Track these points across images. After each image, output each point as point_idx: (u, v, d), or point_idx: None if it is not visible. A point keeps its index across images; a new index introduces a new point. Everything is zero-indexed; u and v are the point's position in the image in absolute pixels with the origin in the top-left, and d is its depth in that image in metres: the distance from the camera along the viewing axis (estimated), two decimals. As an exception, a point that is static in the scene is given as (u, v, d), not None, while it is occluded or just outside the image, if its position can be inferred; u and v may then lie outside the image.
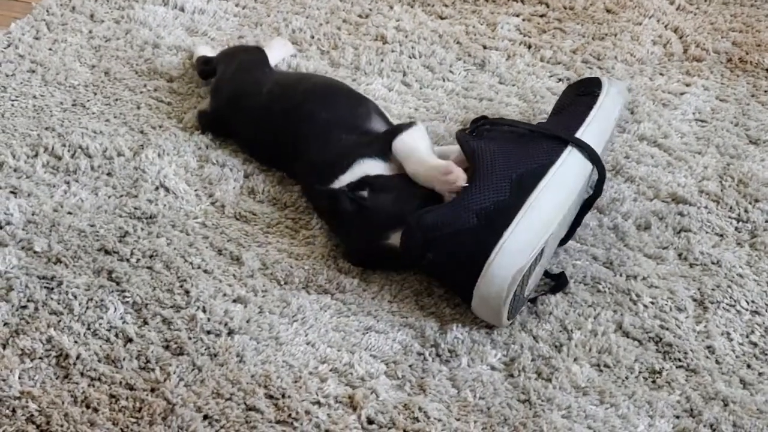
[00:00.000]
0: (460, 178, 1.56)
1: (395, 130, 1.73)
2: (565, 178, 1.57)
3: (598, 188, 1.65)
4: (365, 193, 1.61)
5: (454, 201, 1.54)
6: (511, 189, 1.53)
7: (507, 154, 1.59)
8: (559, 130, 1.66)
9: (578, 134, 1.65)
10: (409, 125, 1.73)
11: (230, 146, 1.91)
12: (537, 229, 1.49)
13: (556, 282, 1.60)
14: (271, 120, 1.84)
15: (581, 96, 1.77)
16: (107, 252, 1.64)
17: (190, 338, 1.48)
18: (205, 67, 2.08)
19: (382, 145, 1.71)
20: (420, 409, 1.38)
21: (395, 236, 1.56)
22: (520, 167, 1.56)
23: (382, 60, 2.19)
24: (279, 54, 2.18)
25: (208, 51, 2.16)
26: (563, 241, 1.67)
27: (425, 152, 1.67)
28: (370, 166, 1.68)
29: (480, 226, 1.50)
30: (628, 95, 1.81)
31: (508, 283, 1.45)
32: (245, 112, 1.89)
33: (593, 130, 1.68)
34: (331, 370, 1.44)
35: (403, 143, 1.69)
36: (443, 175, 1.58)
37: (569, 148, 1.61)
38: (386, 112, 1.89)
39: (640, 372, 1.45)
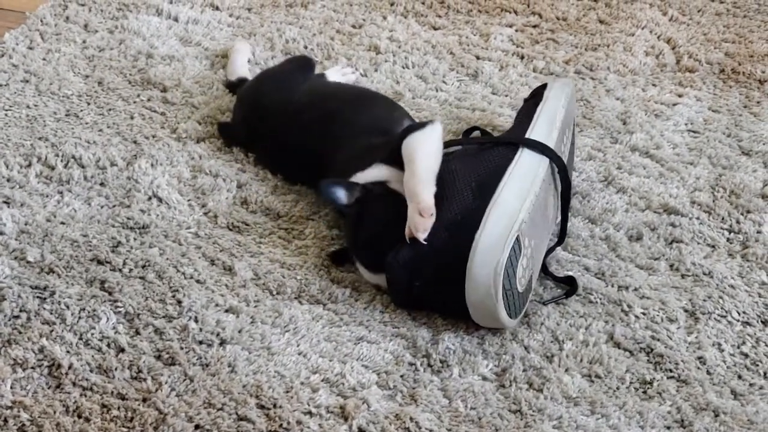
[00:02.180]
0: (422, 229, 1.51)
1: (407, 129, 1.69)
2: (522, 171, 1.59)
3: (563, 179, 1.66)
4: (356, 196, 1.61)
5: None
6: (473, 194, 1.55)
7: (464, 168, 1.61)
8: (508, 136, 1.72)
9: (527, 134, 1.68)
10: (424, 125, 1.68)
11: (223, 156, 1.92)
12: (505, 220, 1.50)
13: (570, 286, 1.61)
14: (304, 127, 1.83)
15: (529, 102, 1.81)
16: (100, 262, 1.64)
17: (182, 348, 1.48)
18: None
19: (395, 145, 1.67)
20: (411, 419, 1.38)
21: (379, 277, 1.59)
22: (478, 174, 1.59)
23: (375, 70, 2.20)
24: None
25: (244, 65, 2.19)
26: (559, 242, 1.67)
27: (425, 167, 1.60)
28: (384, 172, 1.66)
29: (450, 237, 1.51)
30: (572, 86, 1.82)
31: (492, 279, 1.46)
32: (274, 120, 1.89)
33: (541, 125, 1.71)
34: (322, 380, 1.44)
35: (408, 145, 1.64)
36: (418, 212, 1.52)
37: (521, 148, 1.63)
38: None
39: (631, 382, 1.46)
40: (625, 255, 1.69)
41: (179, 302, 1.56)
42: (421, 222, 1.51)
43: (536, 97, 1.81)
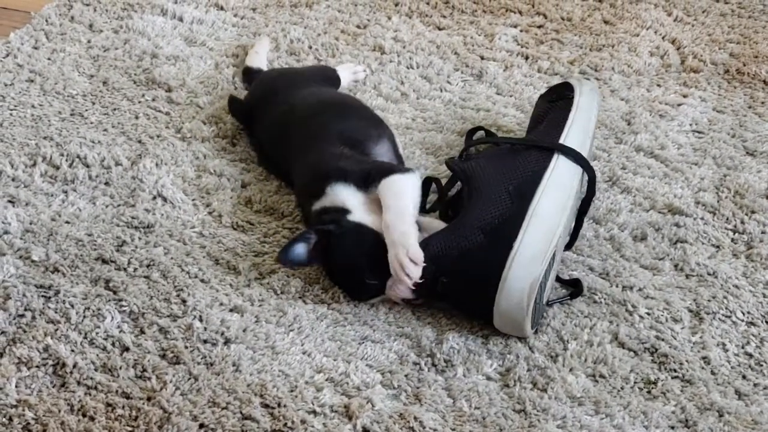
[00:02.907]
0: (415, 276, 1.51)
1: (391, 168, 1.67)
2: (559, 180, 1.58)
3: (590, 188, 1.66)
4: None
5: (456, 222, 1.54)
6: (512, 200, 1.54)
7: (498, 169, 1.60)
8: (541, 139, 1.68)
9: (561, 140, 1.67)
10: (407, 170, 1.67)
11: (228, 156, 1.92)
12: (545, 235, 1.50)
13: (575, 288, 1.61)
14: (287, 125, 1.84)
15: (555, 102, 1.79)
16: (104, 261, 1.64)
17: (186, 347, 1.48)
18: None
19: (369, 174, 1.65)
20: (415, 418, 1.38)
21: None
22: (514, 178, 1.58)
23: (380, 70, 2.20)
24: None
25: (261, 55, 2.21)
26: (568, 246, 1.67)
27: (408, 212, 1.58)
28: (345, 194, 1.64)
29: (488, 241, 1.50)
30: (599, 92, 1.82)
31: (527, 294, 1.46)
32: (269, 112, 1.90)
33: (575, 132, 1.69)
34: (327, 380, 1.44)
35: (392, 185, 1.62)
36: (403, 257, 1.51)
37: (556, 154, 1.62)
38: (399, 146, 1.87)
39: (635, 382, 1.46)
40: (630, 255, 1.69)
41: (184, 301, 1.56)
42: (413, 269, 1.51)
43: (562, 98, 1.79)
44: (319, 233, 1.58)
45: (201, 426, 1.36)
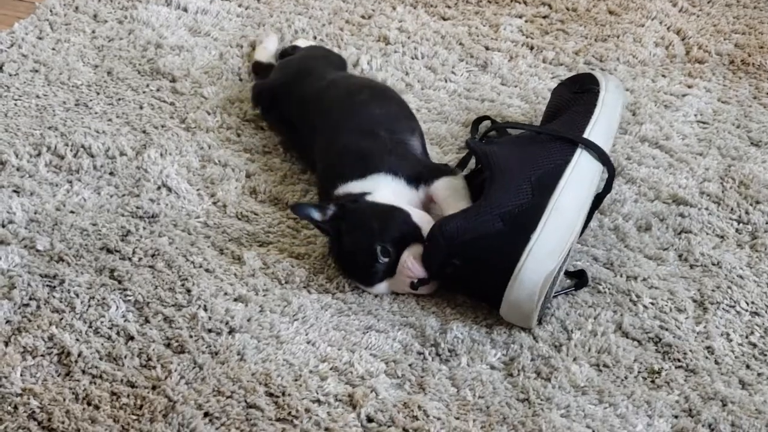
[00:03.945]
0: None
1: (444, 169, 1.70)
2: (581, 176, 1.58)
3: (607, 185, 1.65)
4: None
5: (475, 207, 1.53)
6: (533, 191, 1.53)
7: (521, 157, 1.59)
8: (566, 130, 1.66)
9: (585, 134, 1.66)
10: (456, 171, 1.71)
11: (232, 146, 1.92)
12: (564, 230, 1.50)
13: (579, 279, 1.60)
14: (323, 105, 1.84)
15: (579, 94, 1.78)
16: (109, 251, 1.64)
17: (191, 336, 1.48)
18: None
19: (421, 172, 1.68)
20: (419, 407, 1.38)
21: (355, 281, 1.60)
22: (537, 168, 1.57)
23: (385, 61, 2.20)
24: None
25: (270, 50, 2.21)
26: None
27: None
28: (387, 183, 1.66)
29: (506, 230, 1.49)
30: (624, 90, 1.81)
31: (539, 287, 1.46)
32: (303, 92, 1.90)
33: (600, 128, 1.68)
34: (331, 369, 1.44)
35: (449, 185, 1.67)
36: None
37: (579, 148, 1.61)
38: (426, 143, 1.87)
39: (639, 372, 1.46)
40: (634, 245, 1.69)
41: (188, 291, 1.57)
42: None
43: (586, 91, 1.77)
44: (338, 207, 1.60)
45: (206, 414, 1.37)
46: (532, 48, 2.27)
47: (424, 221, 1.59)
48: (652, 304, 1.57)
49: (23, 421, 1.36)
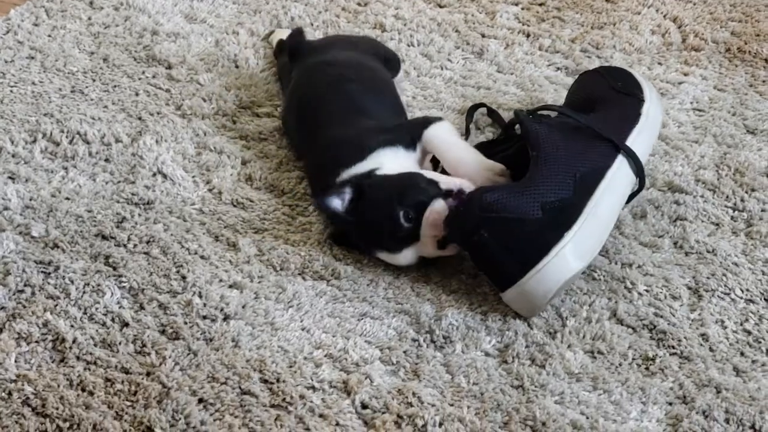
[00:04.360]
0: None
1: (426, 120, 1.72)
2: (618, 183, 1.56)
3: (630, 198, 1.65)
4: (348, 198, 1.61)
5: (520, 186, 1.51)
6: (575, 187, 1.52)
7: (569, 149, 1.56)
8: (610, 132, 1.61)
9: (629, 142, 1.62)
10: (439, 118, 1.72)
11: (228, 133, 1.92)
12: (596, 236, 1.50)
13: None
14: (311, 86, 1.85)
15: (623, 95, 1.72)
16: (104, 237, 1.64)
17: (186, 323, 1.48)
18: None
19: (410, 132, 1.69)
20: (414, 394, 1.38)
21: (381, 254, 1.60)
22: (582, 165, 1.54)
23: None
24: None
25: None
26: None
27: (464, 144, 1.68)
28: (390, 157, 1.66)
29: (544, 220, 1.48)
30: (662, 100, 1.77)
31: (558, 286, 1.46)
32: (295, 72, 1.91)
33: (642, 140, 1.64)
34: (325, 356, 1.44)
35: (440, 131, 1.68)
36: (497, 176, 1.60)
37: (621, 155, 1.58)
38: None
39: (633, 359, 1.46)
40: (629, 232, 1.69)
41: (183, 277, 1.57)
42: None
43: (630, 95, 1.71)
44: (353, 186, 1.60)
45: (200, 401, 1.37)
46: (528, 35, 2.27)
47: (437, 178, 1.60)
48: (647, 291, 1.57)
49: (17, 407, 1.36)
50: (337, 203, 1.59)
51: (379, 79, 1.91)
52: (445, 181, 1.58)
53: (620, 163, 1.58)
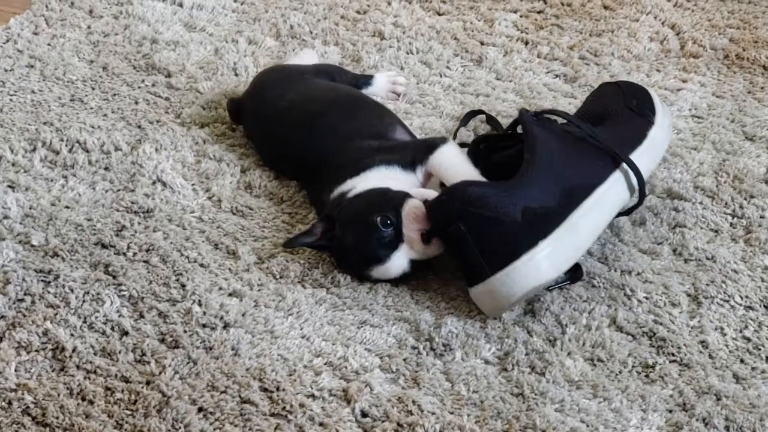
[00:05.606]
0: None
1: (433, 143, 1.70)
2: (607, 201, 1.57)
3: (628, 210, 1.65)
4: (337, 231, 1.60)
5: (506, 186, 1.50)
6: (560, 198, 1.52)
7: (564, 158, 1.56)
8: (614, 147, 1.61)
9: (633, 156, 1.62)
10: (445, 140, 1.71)
11: (227, 141, 1.92)
12: (571, 250, 1.51)
13: (574, 273, 1.60)
14: (288, 128, 1.83)
15: (634, 114, 1.72)
16: (104, 246, 1.65)
17: (185, 331, 1.48)
18: None
19: (413, 154, 1.69)
20: (414, 402, 1.38)
21: (376, 270, 1.59)
22: (573, 178, 1.54)
23: (380, 56, 2.20)
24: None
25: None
26: None
27: (474, 169, 1.65)
28: (386, 174, 1.66)
29: (521, 224, 1.48)
30: (672, 128, 1.76)
31: (523, 292, 1.47)
32: (261, 114, 1.89)
33: (643, 163, 1.63)
34: (325, 364, 1.44)
35: (445, 157, 1.67)
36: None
37: (618, 172, 1.59)
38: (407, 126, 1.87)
39: (633, 366, 1.46)
40: (628, 240, 1.69)
41: (183, 286, 1.57)
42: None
43: (641, 115, 1.71)
44: (322, 221, 1.60)
45: (200, 409, 1.37)
46: (526, 43, 2.27)
47: (409, 190, 1.61)
48: (647, 298, 1.57)
49: (17, 416, 1.36)
50: (307, 240, 1.60)
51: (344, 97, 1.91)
52: (416, 192, 1.59)
53: (614, 181, 1.58)
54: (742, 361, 1.47)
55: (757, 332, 1.52)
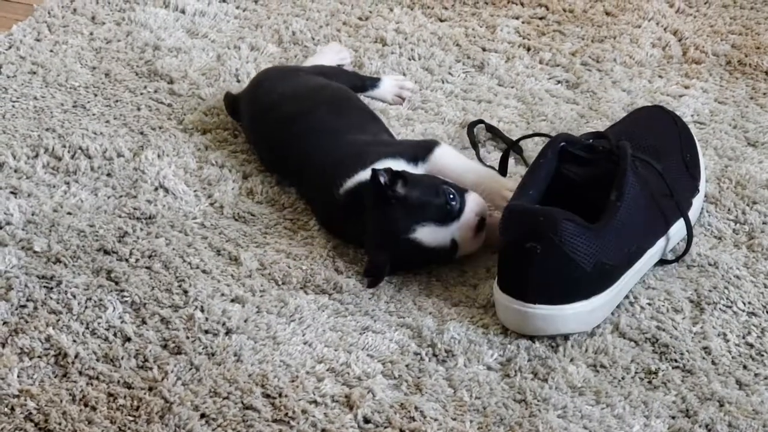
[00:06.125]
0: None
1: (432, 142, 1.77)
2: (650, 263, 1.61)
3: (665, 261, 1.65)
4: (400, 187, 1.60)
5: (594, 231, 1.48)
6: (622, 258, 1.52)
7: (643, 213, 1.55)
8: (681, 196, 1.63)
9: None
10: (438, 141, 1.77)
11: (229, 147, 1.92)
12: (608, 309, 1.53)
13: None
14: (276, 123, 1.83)
15: (685, 168, 1.72)
16: (106, 252, 1.65)
17: (188, 337, 1.48)
18: None
19: (414, 151, 1.72)
20: (416, 408, 1.38)
21: (421, 230, 1.58)
22: (638, 237, 1.55)
23: (382, 62, 2.20)
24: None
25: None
26: None
27: (478, 163, 1.71)
28: (394, 167, 1.64)
29: (589, 274, 1.47)
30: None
31: (548, 333, 1.49)
32: (253, 108, 1.90)
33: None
34: (328, 370, 1.44)
35: (447, 152, 1.74)
36: (505, 188, 1.67)
37: (666, 236, 1.62)
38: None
39: (636, 372, 1.46)
40: (631, 246, 1.69)
41: (185, 292, 1.57)
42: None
43: (693, 177, 1.72)
44: (390, 172, 1.60)
45: (202, 416, 1.37)
46: (528, 49, 2.27)
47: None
48: (649, 304, 1.57)
49: (20, 422, 1.36)
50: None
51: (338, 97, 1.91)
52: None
53: (662, 244, 1.61)
54: (745, 367, 1.47)
55: (760, 338, 1.51)
